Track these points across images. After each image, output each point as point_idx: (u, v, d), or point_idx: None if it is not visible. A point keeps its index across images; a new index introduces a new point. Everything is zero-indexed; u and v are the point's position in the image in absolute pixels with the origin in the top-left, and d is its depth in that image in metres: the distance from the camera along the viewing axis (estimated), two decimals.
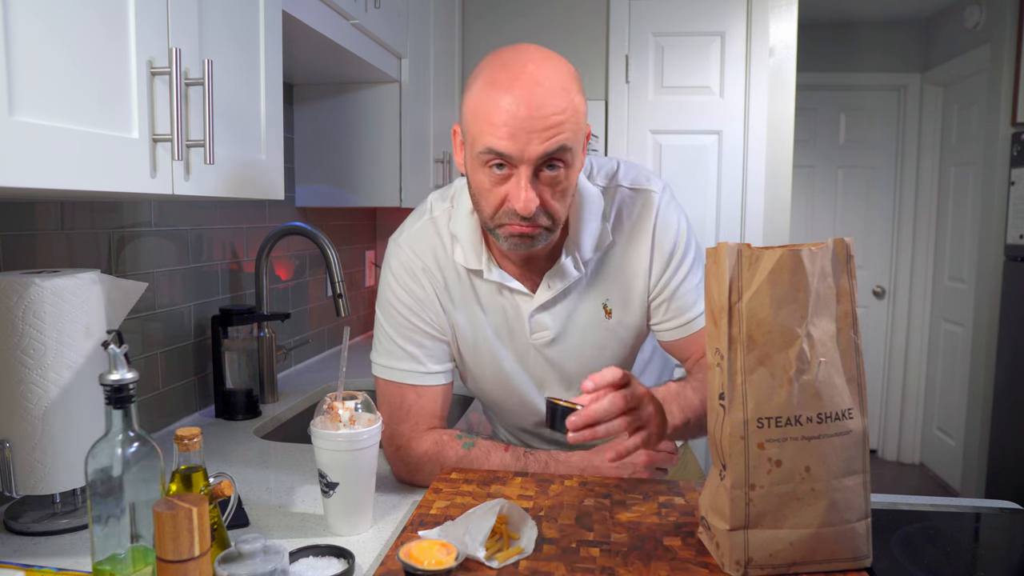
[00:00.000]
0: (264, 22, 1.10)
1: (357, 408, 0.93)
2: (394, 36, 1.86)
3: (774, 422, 0.78)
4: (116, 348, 0.73)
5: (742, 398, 0.78)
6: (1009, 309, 3.16)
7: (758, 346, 0.78)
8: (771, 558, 0.80)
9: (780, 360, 0.78)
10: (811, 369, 0.78)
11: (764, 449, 0.78)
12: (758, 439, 0.78)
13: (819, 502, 0.79)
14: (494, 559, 0.82)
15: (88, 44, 0.73)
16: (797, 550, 0.80)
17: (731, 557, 0.80)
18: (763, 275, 0.77)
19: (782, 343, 0.78)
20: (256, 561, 0.70)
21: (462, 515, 0.88)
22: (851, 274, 0.80)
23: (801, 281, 0.77)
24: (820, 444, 0.78)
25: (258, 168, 1.09)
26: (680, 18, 2.66)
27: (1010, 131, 3.20)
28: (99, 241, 1.26)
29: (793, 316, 0.77)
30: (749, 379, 0.78)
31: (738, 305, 0.78)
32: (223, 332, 1.51)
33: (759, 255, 0.78)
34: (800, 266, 0.77)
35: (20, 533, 0.94)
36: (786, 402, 0.77)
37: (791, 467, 0.78)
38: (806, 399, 0.78)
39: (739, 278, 0.78)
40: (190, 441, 0.78)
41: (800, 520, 0.79)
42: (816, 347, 0.78)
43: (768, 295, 0.77)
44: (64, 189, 0.71)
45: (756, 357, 0.78)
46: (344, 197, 2.05)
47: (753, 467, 0.78)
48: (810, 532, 0.79)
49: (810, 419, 0.78)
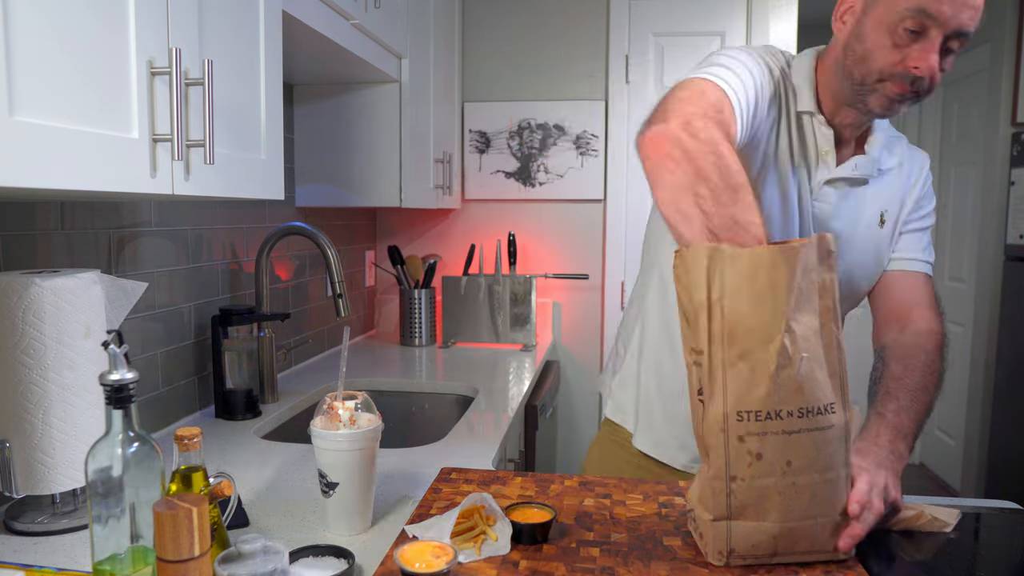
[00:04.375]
0: (264, 22, 1.10)
1: (357, 408, 0.94)
2: (394, 36, 1.86)
3: (754, 416, 0.78)
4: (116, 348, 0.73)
5: (722, 392, 0.79)
6: (1009, 309, 3.16)
7: (738, 342, 0.78)
8: (753, 548, 0.81)
9: (761, 355, 0.78)
10: (793, 364, 0.78)
11: (744, 442, 0.79)
12: (738, 432, 0.79)
13: (801, 496, 0.80)
14: (464, 549, 0.84)
15: (88, 44, 0.73)
16: (779, 542, 0.81)
17: (714, 547, 0.82)
18: (742, 273, 0.77)
19: (763, 338, 0.78)
20: (256, 561, 0.70)
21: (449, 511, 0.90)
22: (831, 269, 0.81)
23: (782, 277, 0.78)
24: (801, 438, 0.79)
25: (258, 168, 1.09)
26: (680, 18, 2.66)
27: (1010, 131, 3.20)
28: (99, 241, 1.26)
29: (774, 312, 0.78)
30: (729, 373, 0.78)
31: (718, 302, 0.78)
32: (223, 332, 1.51)
33: (738, 254, 0.78)
34: (780, 262, 0.77)
35: (20, 533, 0.93)
36: (766, 396, 0.78)
37: (772, 460, 0.79)
38: (788, 394, 0.78)
39: (715, 277, 0.78)
40: (190, 441, 0.78)
41: (782, 513, 0.80)
42: (799, 342, 0.78)
43: (747, 292, 0.77)
44: (64, 189, 0.71)
45: (736, 352, 0.78)
46: (344, 197, 2.05)
47: (734, 460, 0.79)
48: (792, 525, 0.80)
49: (791, 413, 0.78)
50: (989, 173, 3.31)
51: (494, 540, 0.86)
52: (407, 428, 1.92)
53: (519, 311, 2.49)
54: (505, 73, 2.69)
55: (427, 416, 1.93)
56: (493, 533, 0.86)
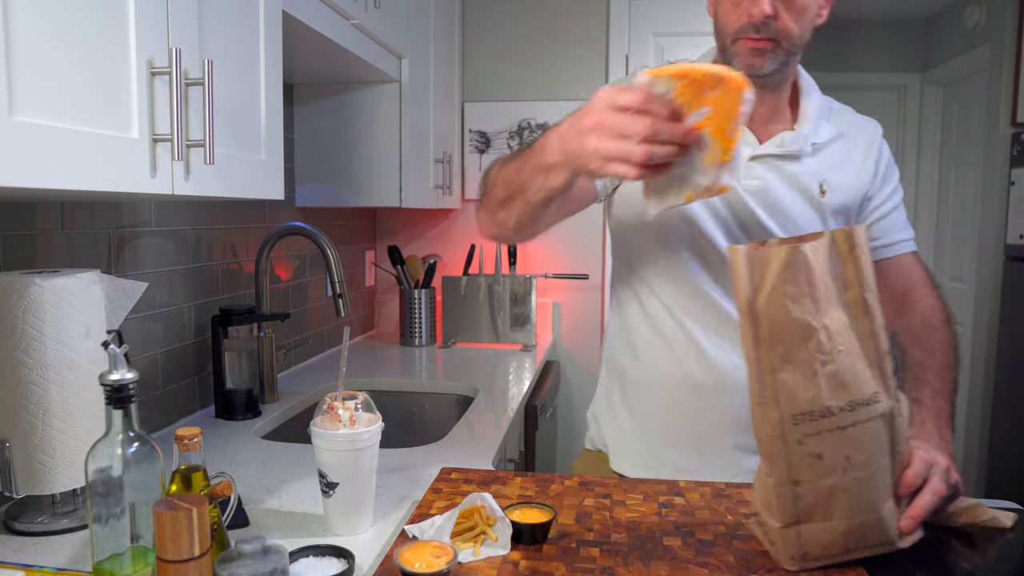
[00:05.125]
0: (264, 22, 1.10)
1: (357, 408, 0.93)
2: (394, 36, 1.86)
3: (808, 417, 0.79)
4: (116, 348, 0.73)
5: (774, 397, 0.79)
6: (1009, 309, 3.15)
7: (781, 344, 0.79)
8: (825, 549, 0.81)
9: (803, 355, 0.78)
10: (833, 359, 0.79)
11: (803, 444, 0.79)
12: (796, 435, 0.79)
13: (863, 489, 0.80)
14: (464, 549, 0.84)
15: (88, 44, 0.73)
16: (850, 538, 0.81)
17: (786, 552, 0.81)
18: (774, 274, 0.78)
19: (801, 338, 0.78)
20: (256, 561, 0.70)
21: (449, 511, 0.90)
22: (856, 261, 0.81)
23: (808, 275, 0.78)
24: (855, 432, 0.79)
25: (258, 168, 1.09)
26: (680, 18, 2.65)
27: (1010, 131, 3.20)
28: (99, 241, 1.26)
29: (807, 310, 0.78)
30: (778, 377, 0.79)
31: (756, 306, 0.79)
32: (223, 332, 1.51)
33: (767, 255, 0.79)
34: (805, 260, 0.78)
35: (20, 533, 0.93)
36: (816, 395, 0.78)
37: (832, 459, 0.79)
38: (834, 389, 0.79)
39: (753, 279, 0.79)
40: (190, 441, 0.78)
41: (849, 509, 0.80)
42: (834, 337, 0.79)
43: (781, 292, 0.78)
44: (64, 189, 0.71)
45: (780, 355, 0.79)
46: (344, 197, 2.05)
47: (795, 463, 0.79)
48: (859, 519, 0.80)
49: (841, 408, 0.79)
50: (989, 173, 3.31)
51: (494, 540, 0.86)
52: (407, 428, 1.92)
53: (519, 311, 2.49)
54: (505, 73, 2.69)
55: (427, 416, 1.93)
56: (493, 533, 0.86)
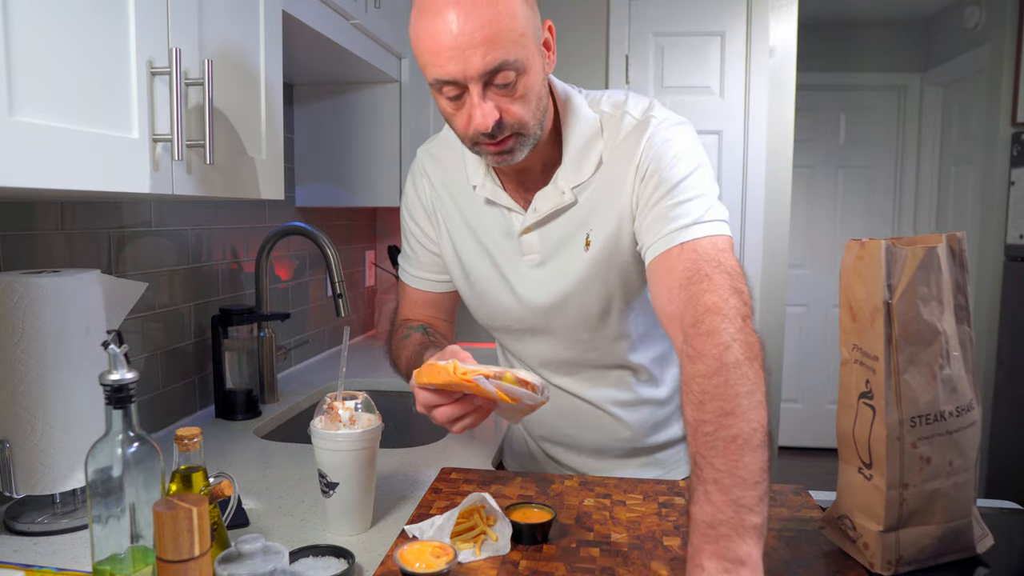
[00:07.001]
0: (264, 22, 1.10)
1: (357, 408, 0.94)
2: (394, 36, 1.86)
3: (924, 420, 0.79)
4: (116, 348, 0.73)
5: (896, 399, 0.78)
6: (1009, 309, 3.15)
7: (909, 345, 0.78)
8: (919, 553, 0.81)
9: (925, 358, 0.78)
10: (948, 364, 0.79)
11: (917, 448, 0.79)
12: (912, 438, 0.79)
13: (960, 493, 0.80)
14: (464, 549, 0.84)
15: (88, 44, 0.73)
16: (943, 543, 0.81)
17: (883, 557, 0.80)
18: (909, 273, 0.77)
19: (927, 340, 0.78)
20: (256, 561, 0.70)
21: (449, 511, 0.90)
22: (963, 267, 0.81)
23: (937, 277, 0.78)
24: (959, 437, 0.80)
25: (258, 168, 1.09)
26: (680, 18, 2.66)
27: (1010, 131, 3.20)
28: (99, 241, 1.26)
29: (934, 312, 0.78)
30: (902, 379, 0.78)
31: (892, 304, 0.78)
32: (223, 332, 1.51)
33: (904, 253, 0.78)
34: (936, 262, 0.78)
35: (20, 533, 0.93)
36: (934, 399, 0.78)
37: (938, 463, 0.79)
38: (946, 394, 0.79)
39: (891, 276, 0.78)
40: (190, 441, 0.78)
41: (946, 513, 0.80)
42: (950, 341, 0.79)
43: (914, 293, 0.78)
44: (64, 189, 0.71)
45: (906, 356, 0.78)
46: (344, 197, 2.05)
47: (907, 466, 0.79)
48: (954, 524, 0.81)
49: (951, 413, 0.79)
50: (989, 173, 3.31)
51: (494, 540, 0.86)
52: (407, 428, 1.92)
53: None
54: None
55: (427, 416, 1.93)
56: (493, 533, 0.86)
